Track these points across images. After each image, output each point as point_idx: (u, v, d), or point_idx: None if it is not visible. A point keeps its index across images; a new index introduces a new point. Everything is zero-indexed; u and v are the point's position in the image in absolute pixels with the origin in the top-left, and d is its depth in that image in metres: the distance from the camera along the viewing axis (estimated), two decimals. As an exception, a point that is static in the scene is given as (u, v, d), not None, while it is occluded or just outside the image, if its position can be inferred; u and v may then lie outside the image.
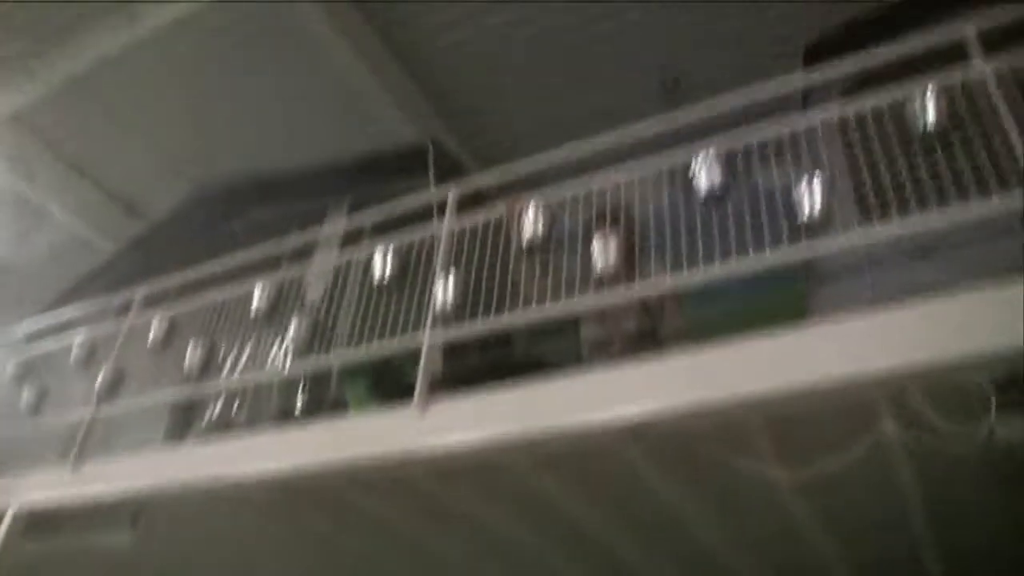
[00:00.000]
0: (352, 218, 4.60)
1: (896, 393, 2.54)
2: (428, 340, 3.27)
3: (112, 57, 6.03)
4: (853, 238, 2.78)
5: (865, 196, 2.89)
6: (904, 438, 2.69)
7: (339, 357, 3.62)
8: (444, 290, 3.30)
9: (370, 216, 4.29)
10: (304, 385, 4.61)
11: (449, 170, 4.46)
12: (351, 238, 4.51)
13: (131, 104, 6.72)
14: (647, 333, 3.41)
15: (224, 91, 6.57)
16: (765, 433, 2.83)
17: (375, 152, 5.47)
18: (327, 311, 3.91)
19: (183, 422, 4.80)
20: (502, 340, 3.64)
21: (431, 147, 5.07)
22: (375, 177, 5.26)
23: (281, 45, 6.25)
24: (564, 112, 7.08)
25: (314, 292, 4.23)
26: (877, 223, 2.76)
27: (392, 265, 3.62)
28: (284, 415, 4.44)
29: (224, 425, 4.62)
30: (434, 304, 3.31)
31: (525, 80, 6.85)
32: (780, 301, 2.92)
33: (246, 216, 5.80)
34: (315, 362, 3.70)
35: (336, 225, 4.79)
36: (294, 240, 4.53)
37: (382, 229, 4.09)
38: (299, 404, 4.49)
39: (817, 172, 2.92)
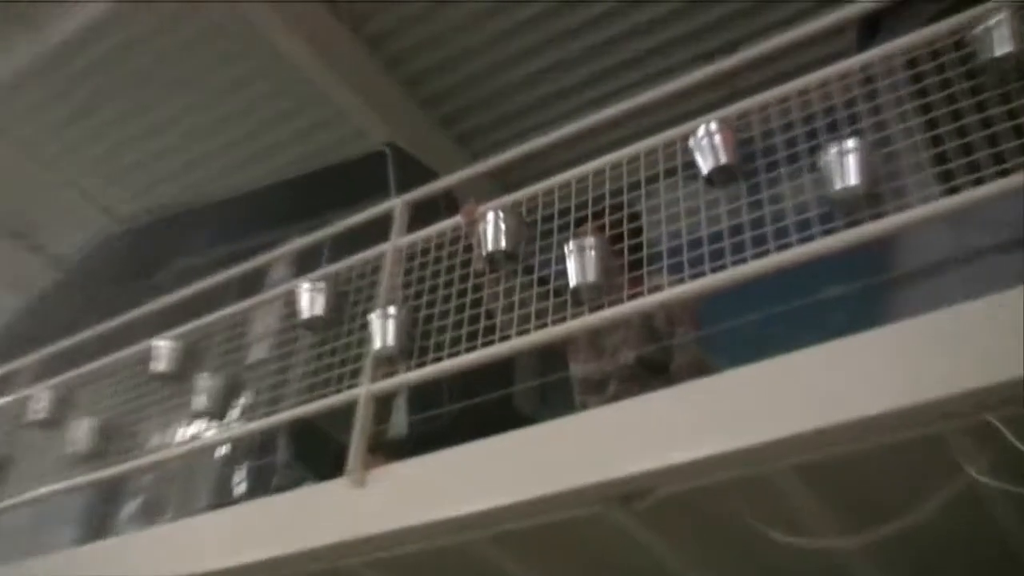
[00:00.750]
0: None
1: (976, 424, 2.21)
2: (364, 392, 3.03)
3: (14, 76, 5.98)
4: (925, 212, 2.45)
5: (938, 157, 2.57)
6: (997, 481, 2.35)
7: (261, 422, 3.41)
8: (384, 327, 3.05)
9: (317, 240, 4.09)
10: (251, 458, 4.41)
11: (422, 179, 4.24)
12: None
13: (41, 130, 6.69)
14: (653, 367, 3.10)
15: (148, 107, 6.50)
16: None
17: (330, 168, 5.25)
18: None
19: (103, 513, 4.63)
20: (495, 382, 3.39)
21: (389, 151, 4.78)
22: (335, 200, 5.06)
23: (217, 48, 6.17)
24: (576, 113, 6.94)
25: (259, 351, 4.05)
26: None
27: (326, 301, 3.40)
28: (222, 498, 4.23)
29: (154, 512, 4.45)
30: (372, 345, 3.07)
31: (532, 80, 6.74)
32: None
33: (172, 264, 5.65)
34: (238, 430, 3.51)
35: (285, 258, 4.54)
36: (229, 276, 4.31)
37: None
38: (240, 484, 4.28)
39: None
